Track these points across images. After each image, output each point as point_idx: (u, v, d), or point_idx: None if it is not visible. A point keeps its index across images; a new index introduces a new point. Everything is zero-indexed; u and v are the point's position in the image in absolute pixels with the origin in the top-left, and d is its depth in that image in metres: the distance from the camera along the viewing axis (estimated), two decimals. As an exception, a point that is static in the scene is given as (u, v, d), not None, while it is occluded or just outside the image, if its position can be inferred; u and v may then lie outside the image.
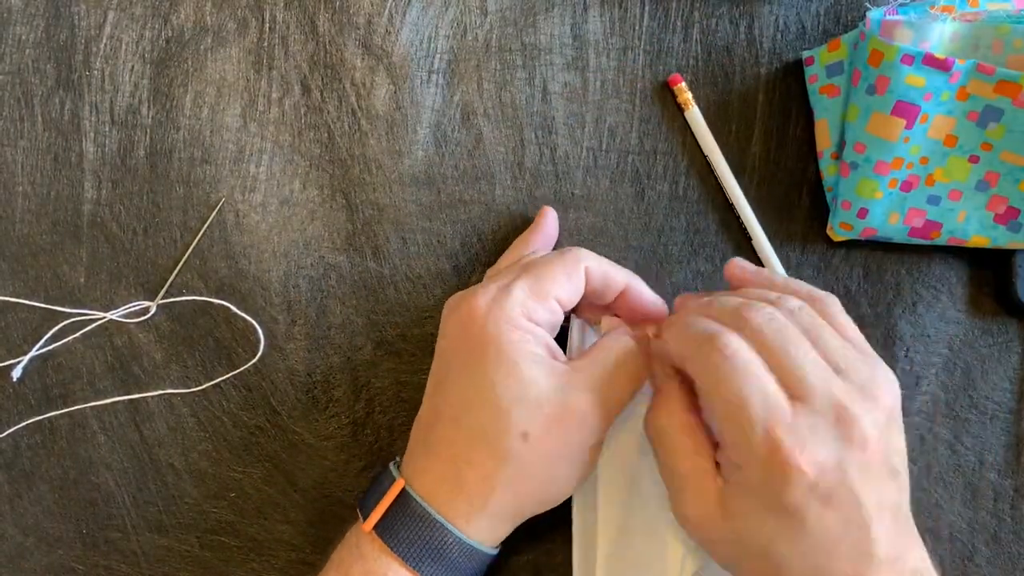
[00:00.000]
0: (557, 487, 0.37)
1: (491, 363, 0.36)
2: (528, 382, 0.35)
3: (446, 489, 0.37)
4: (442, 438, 0.37)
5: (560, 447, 0.36)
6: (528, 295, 0.36)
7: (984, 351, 0.46)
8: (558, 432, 0.35)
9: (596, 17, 0.47)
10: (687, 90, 0.46)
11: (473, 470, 0.36)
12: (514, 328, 0.36)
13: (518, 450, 0.35)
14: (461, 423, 0.37)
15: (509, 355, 0.35)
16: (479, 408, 0.36)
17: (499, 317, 0.36)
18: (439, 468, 0.37)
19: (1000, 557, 0.45)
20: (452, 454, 0.37)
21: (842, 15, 0.47)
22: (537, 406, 0.35)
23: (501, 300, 0.36)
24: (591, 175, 0.47)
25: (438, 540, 0.36)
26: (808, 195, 0.46)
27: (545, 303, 0.37)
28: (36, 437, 0.46)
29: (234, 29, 0.47)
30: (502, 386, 0.35)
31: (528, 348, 0.36)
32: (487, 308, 0.36)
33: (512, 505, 0.37)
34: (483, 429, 0.36)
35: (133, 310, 0.46)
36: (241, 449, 0.46)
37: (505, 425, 0.35)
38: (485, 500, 0.36)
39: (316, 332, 0.46)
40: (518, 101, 0.47)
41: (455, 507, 0.36)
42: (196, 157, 0.47)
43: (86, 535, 0.45)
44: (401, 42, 0.47)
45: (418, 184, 0.47)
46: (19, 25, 0.47)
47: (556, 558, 0.44)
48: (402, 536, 0.36)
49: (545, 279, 0.37)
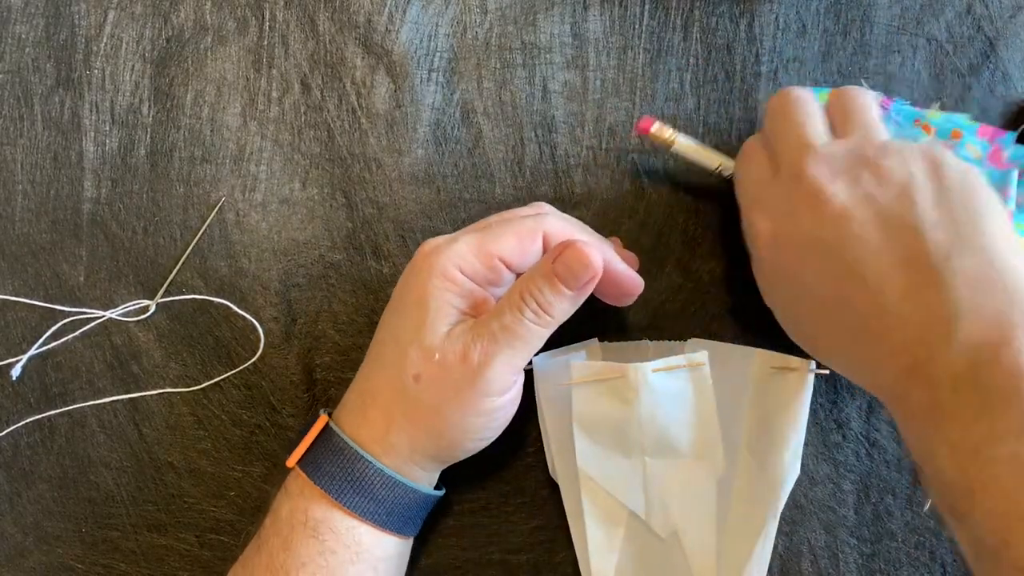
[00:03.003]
0: (453, 433, 0.38)
1: (409, 305, 0.38)
2: (429, 327, 0.37)
3: (356, 419, 0.38)
4: (361, 372, 0.40)
5: (449, 393, 0.36)
6: (469, 249, 0.37)
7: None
8: (446, 379, 0.36)
9: (596, 16, 0.47)
10: (666, 126, 0.43)
11: (376, 402, 0.38)
12: (441, 277, 0.37)
13: (411, 389, 0.37)
14: (374, 357, 0.39)
15: (424, 300, 0.37)
16: (389, 345, 0.38)
17: (433, 264, 0.37)
18: (353, 399, 0.39)
19: (1001, 556, 0.45)
20: (365, 387, 0.39)
21: (842, 14, 0.47)
22: (430, 351, 0.36)
23: (442, 249, 0.37)
24: (591, 174, 0.47)
25: (358, 470, 0.37)
26: (808, 194, 0.46)
27: (486, 260, 0.37)
28: (35, 436, 0.46)
29: (234, 28, 0.47)
30: (407, 327, 0.37)
31: (445, 297, 0.37)
32: (427, 254, 0.38)
33: (408, 442, 0.38)
34: (387, 365, 0.38)
35: (132, 309, 0.46)
36: (240, 448, 0.46)
37: (402, 364, 0.37)
38: (385, 432, 0.37)
39: (316, 331, 0.46)
40: (518, 100, 0.47)
41: (365, 437, 0.38)
42: (196, 156, 0.47)
43: (85, 534, 0.45)
44: (401, 41, 0.47)
45: (418, 183, 0.47)
46: (19, 24, 0.47)
47: (556, 557, 0.44)
48: (324, 469, 0.37)
49: (493, 237, 0.37)
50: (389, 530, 0.38)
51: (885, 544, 0.45)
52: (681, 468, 0.40)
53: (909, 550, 0.45)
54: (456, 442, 0.38)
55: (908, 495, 0.45)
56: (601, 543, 0.41)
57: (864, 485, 0.45)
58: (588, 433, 0.40)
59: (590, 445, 0.40)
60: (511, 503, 0.45)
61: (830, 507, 0.45)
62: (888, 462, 0.45)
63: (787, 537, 0.45)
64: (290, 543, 0.37)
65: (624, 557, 0.41)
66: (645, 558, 0.41)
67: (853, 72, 0.47)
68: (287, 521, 0.38)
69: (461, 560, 0.45)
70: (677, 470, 0.40)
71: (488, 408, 0.37)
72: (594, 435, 0.40)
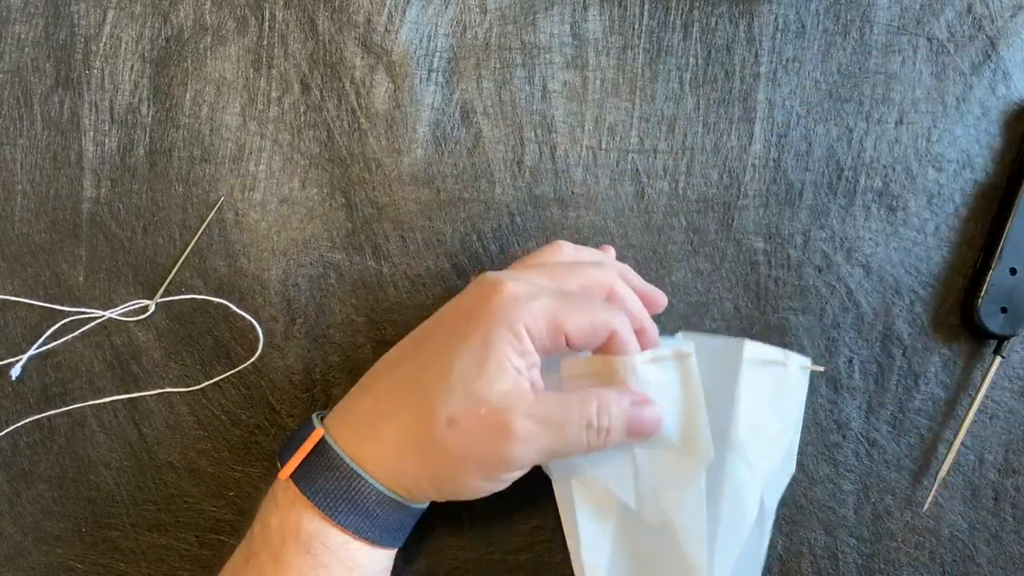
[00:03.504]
0: (459, 484, 0.37)
1: (471, 340, 0.36)
2: (486, 378, 0.35)
3: (361, 435, 0.37)
4: (379, 382, 0.38)
5: (477, 452, 0.36)
6: (544, 314, 0.36)
7: (984, 350, 0.46)
8: (482, 438, 0.35)
9: (596, 16, 0.47)
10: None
11: (392, 426, 0.36)
12: (510, 330, 0.35)
13: (438, 429, 0.35)
14: (405, 373, 0.37)
15: (490, 346, 0.35)
16: (433, 373, 0.36)
17: (507, 313, 0.36)
18: (363, 411, 0.38)
19: (1001, 557, 0.45)
20: (382, 405, 0.37)
21: (842, 14, 0.47)
22: (478, 403, 0.35)
23: (520, 301, 0.36)
24: (591, 173, 0.47)
25: (354, 489, 0.36)
26: (810, 194, 0.46)
27: (554, 335, 0.36)
28: (35, 436, 0.46)
29: (234, 28, 0.47)
30: (463, 366, 0.35)
31: (510, 352, 0.35)
32: (505, 297, 0.36)
33: (414, 475, 0.37)
34: (423, 392, 0.36)
35: (132, 309, 0.46)
36: (240, 448, 0.46)
37: (443, 400, 0.35)
38: (394, 459, 0.36)
39: (315, 331, 0.46)
40: (518, 100, 0.47)
41: (365, 453, 0.37)
42: (195, 156, 0.47)
43: (85, 534, 0.45)
44: (400, 41, 0.47)
45: (418, 182, 0.47)
46: (18, 24, 0.47)
47: (556, 557, 0.44)
48: (318, 484, 0.36)
49: (569, 314, 0.36)
50: (382, 545, 0.38)
51: (885, 544, 0.45)
52: (670, 458, 0.40)
53: (909, 550, 0.45)
54: (461, 491, 0.38)
55: (908, 495, 0.45)
56: (593, 535, 0.41)
57: (864, 485, 0.45)
58: None
59: None
60: (511, 503, 0.45)
61: (830, 507, 0.45)
62: (888, 462, 0.45)
63: (787, 537, 0.45)
64: (281, 558, 0.36)
65: (617, 548, 0.41)
66: (638, 549, 0.41)
67: (853, 72, 0.47)
68: (277, 533, 0.37)
69: (461, 560, 0.45)
70: (666, 460, 0.40)
71: (505, 478, 0.37)
72: None
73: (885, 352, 0.45)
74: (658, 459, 0.40)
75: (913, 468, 0.45)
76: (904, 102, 0.47)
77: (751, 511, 0.40)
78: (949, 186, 0.46)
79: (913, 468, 0.45)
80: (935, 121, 0.47)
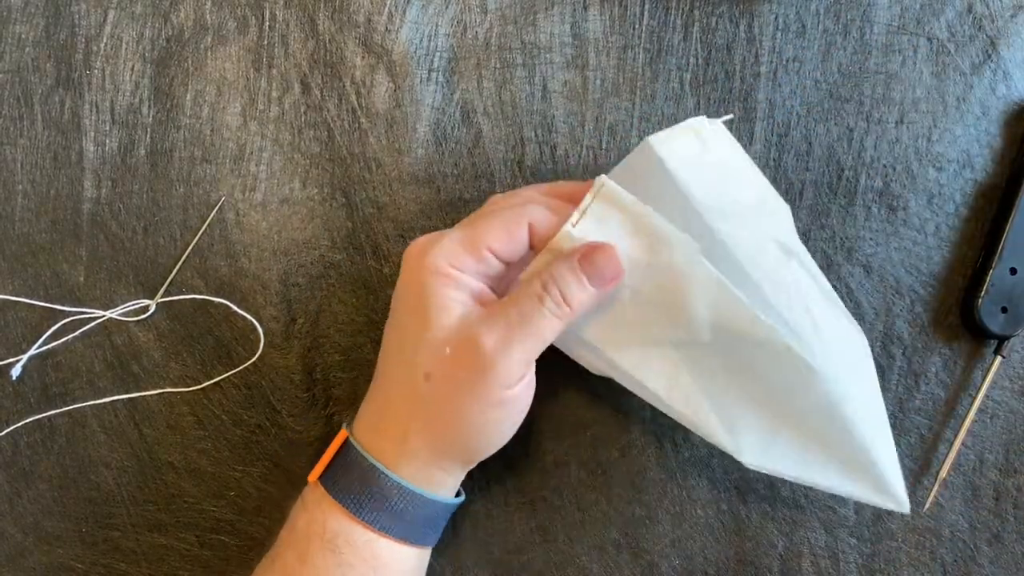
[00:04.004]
0: (471, 429, 0.37)
1: (408, 308, 0.37)
2: (433, 324, 0.36)
3: (373, 431, 0.38)
4: (373, 385, 0.40)
5: (463, 387, 0.36)
6: (457, 244, 0.37)
7: (984, 350, 0.46)
8: (458, 372, 0.36)
9: (596, 16, 0.47)
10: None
11: (390, 411, 0.38)
12: (434, 274, 0.36)
13: (423, 389, 0.36)
14: (383, 369, 0.39)
15: (423, 299, 0.36)
16: (395, 352, 0.38)
17: (424, 263, 0.37)
18: (368, 412, 0.39)
19: (1003, 557, 0.45)
20: (379, 398, 0.39)
21: (842, 14, 0.47)
22: (438, 347, 0.36)
23: (428, 249, 0.37)
24: (591, 174, 0.46)
25: (375, 484, 0.37)
26: (811, 194, 0.46)
27: (475, 253, 0.37)
28: (35, 436, 0.46)
29: (234, 28, 0.47)
30: (411, 330, 0.37)
31: (444, 291, 0.36)
32: (416, 255, 0.37)
33: (429, 446, 0.37)
34: (396, 371, 0.38)
35: (132, 309, 0.46)
36: (241, 448, 0.46)
37: (411, 367, 0.36)
38: (403, 440, 0.37)
39: (316, 330, 0.46)
40: (518, 99, 0.47)
41: (382, 449, 0.37)
42: (196, 156, 0.47)
43: (85, 534, 0.45)
44: (401, 40, 0.47)
45: (418, 182, 0.47)
46: (19, 24, 0.47)
47: (556, 557, 0.44)
48: (342, 483, 0.37)
49: (479, 231, 0.37)
50: (407, 542, 0.38)
51: (885, 544, 0.45)
52: (659, 281, 0.37)
53: (909, 550, 0.45)
54: (476, 438, 0.38)
55: (909, 495, 0.45)
56: (663, 373, 0.39)
57: (864, 485, 0.45)
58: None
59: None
60: (511, 503, 0.45)
61: (830, 507, 0.45)
62: (888, 462, 0.45)
63: (787, 537, 0.45)
64: (306, 556, 0.37)
65: (696, 375, 0.39)
66: (714, 369, 0.39)
67: (853, 72, 0.47)
68: (303, 533, 0.37)
69: (461, 560, 0.45)
70: (656, 283, 0.37)
71: (504, 398, 0.36)
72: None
73: (885, 352, 0.45)
74: (649, 284, 0.38)
75: (913, 468, 0.45)
76: (904, 102, 0.47)
77: (781, 265, 0.38)
78: (949, 186, 0.46)
79: (913, 468, 0.45)
80: (935, 121, 0.47)
